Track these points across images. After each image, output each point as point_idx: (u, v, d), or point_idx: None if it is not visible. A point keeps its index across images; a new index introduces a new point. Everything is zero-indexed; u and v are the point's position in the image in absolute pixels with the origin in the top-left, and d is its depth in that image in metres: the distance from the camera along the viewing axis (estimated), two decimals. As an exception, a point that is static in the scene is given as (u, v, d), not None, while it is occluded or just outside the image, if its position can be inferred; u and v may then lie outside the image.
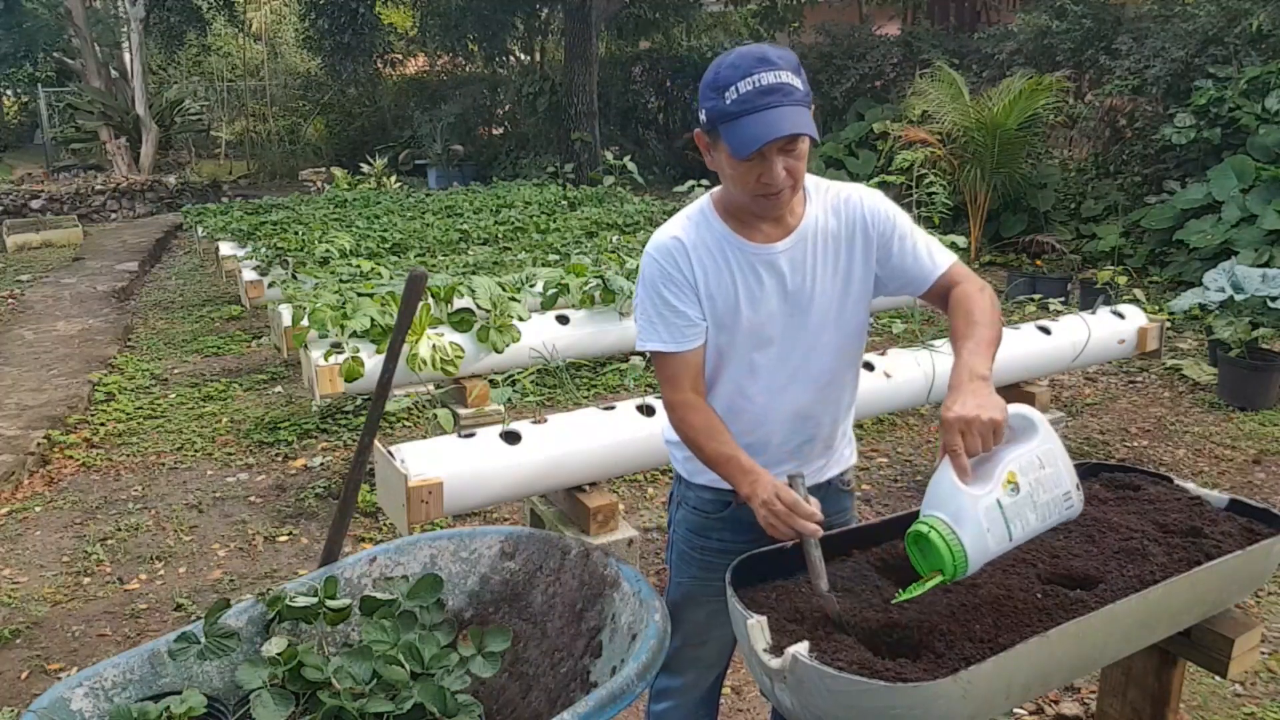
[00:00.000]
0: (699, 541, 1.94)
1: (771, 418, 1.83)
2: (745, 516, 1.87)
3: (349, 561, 1.98)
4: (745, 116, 1.58)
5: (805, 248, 1.77)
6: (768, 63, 1.59)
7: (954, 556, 1.49)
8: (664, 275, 1.78)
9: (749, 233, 1.76)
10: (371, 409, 1.98)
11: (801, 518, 1.63)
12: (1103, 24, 9.62)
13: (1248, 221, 7.19)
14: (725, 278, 1.77)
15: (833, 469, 1.94)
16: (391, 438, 4.98)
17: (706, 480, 1.88)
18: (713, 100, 1.62)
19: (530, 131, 15.59)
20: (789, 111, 1.59)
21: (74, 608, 3.48)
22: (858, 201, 1.81)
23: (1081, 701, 2.76)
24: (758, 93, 1.57)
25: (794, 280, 1.77)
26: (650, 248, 1.82)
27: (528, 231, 7.73)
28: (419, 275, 1.93)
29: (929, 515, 1.54)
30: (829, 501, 1.91)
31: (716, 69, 1.63)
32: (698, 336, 1.79)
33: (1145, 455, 4.60)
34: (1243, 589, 1.90)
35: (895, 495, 4.23)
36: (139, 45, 15.53)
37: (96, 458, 4.84)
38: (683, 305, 1.77)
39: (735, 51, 1.64)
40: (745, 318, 1.77)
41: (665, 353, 1.79)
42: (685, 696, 2.05)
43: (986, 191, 8.64)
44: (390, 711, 1.58)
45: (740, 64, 1.60)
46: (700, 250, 1.77)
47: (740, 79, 1.58)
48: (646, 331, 1.81)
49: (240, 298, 6.68)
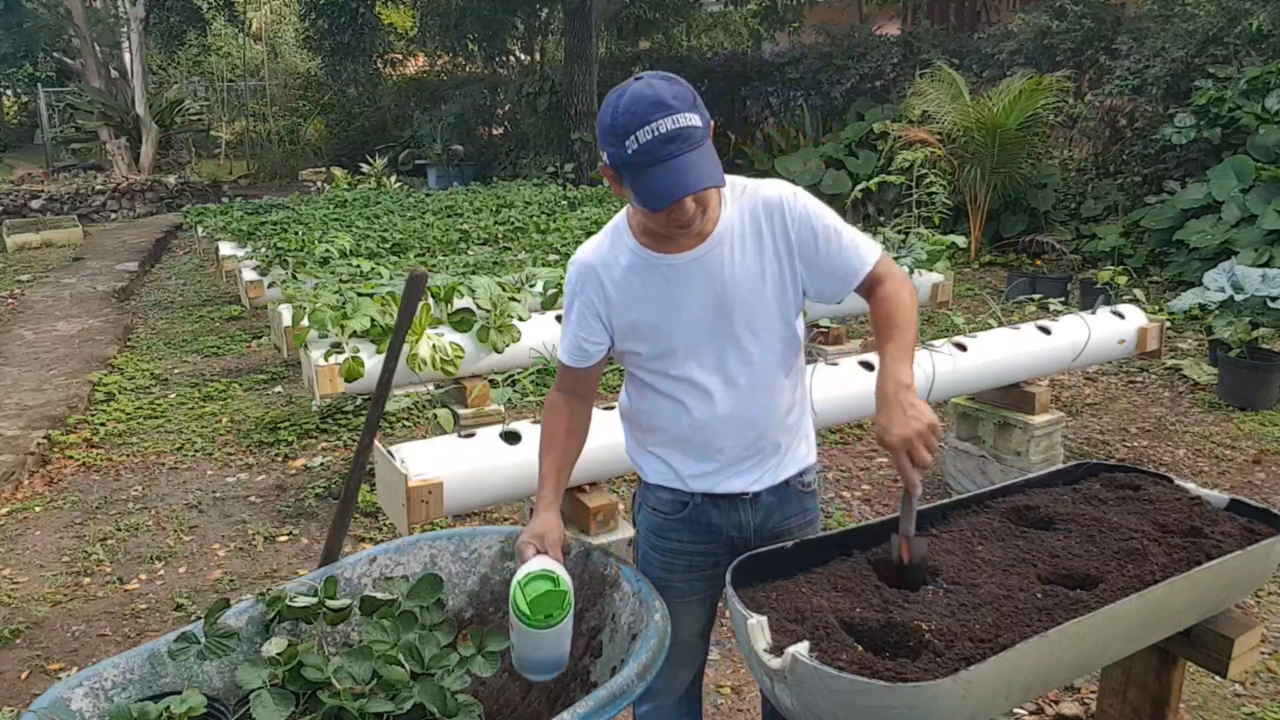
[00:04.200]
0: (659, 542, 1.96)
1: (710, 425, 1.82)
2: (703, 518, 1.90)
3: (349, 561, 1.98)
4: (650, 169, 1.55)
5: (722, 251, 1.74)
6: (663, 106, 1.53)
7: (569, 602, 1.67)
8: (573, 293, 1.84)
9: (663, 245, 1.75)
10: (371, 409, 1.98)
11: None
12: (1103, 24, 9.63)
13: (1248, 221, 7.19)
14: (641, 293, 1.77)
15: (788, 469, 1.90)
16: (391, 438, 4.98)
17: (662, 480, 1.90)
18: (612, 148, 1.57)
19: (530, 131, 15.59)
20: (693, 160, 1.55)
21: (74, 608, 3.48)
22: (777, 201, 1.76)
23: (1081, 701, 2.76)
24: (658, 141, 1.52)
25: (711, 285, 1.74)
26: (570, 264, 1.86)
27: (528, 231, 7.73)
28: (419, 275, 1.93)
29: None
30: (788, 504, 1.92)
31: (613, 113, 1.56)
32: (588, 359, 1.86)
33: (1145, 455, 4.60)
34: (1243, 589, 1.90)
35: (895, 495, 4.23)
36: (139, 45, 15.53)
37: (96, 458, 4.84)
38: (583, 328, 1.83)
39: (628, 93, 1.56)
40: (667, 329, 1.77)
41: (559, 358, 1.90)
42: (663, 697, 2.06)
43: (986, 191, 8.64)
44: (390, 711, 1.58)
45: (635, 109, 1.53)
46: (614, 270, 1.78)
47: (639, 127, 1.53)
48: (561, 331, 1.90)
49: (240, 298, 6.67)
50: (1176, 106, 8.26)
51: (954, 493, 4.08)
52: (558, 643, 1.70)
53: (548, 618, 1.65)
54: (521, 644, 1.71)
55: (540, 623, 1.65)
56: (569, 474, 1.93)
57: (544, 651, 1.71)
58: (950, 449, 4.30)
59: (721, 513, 1.89)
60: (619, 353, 1.87)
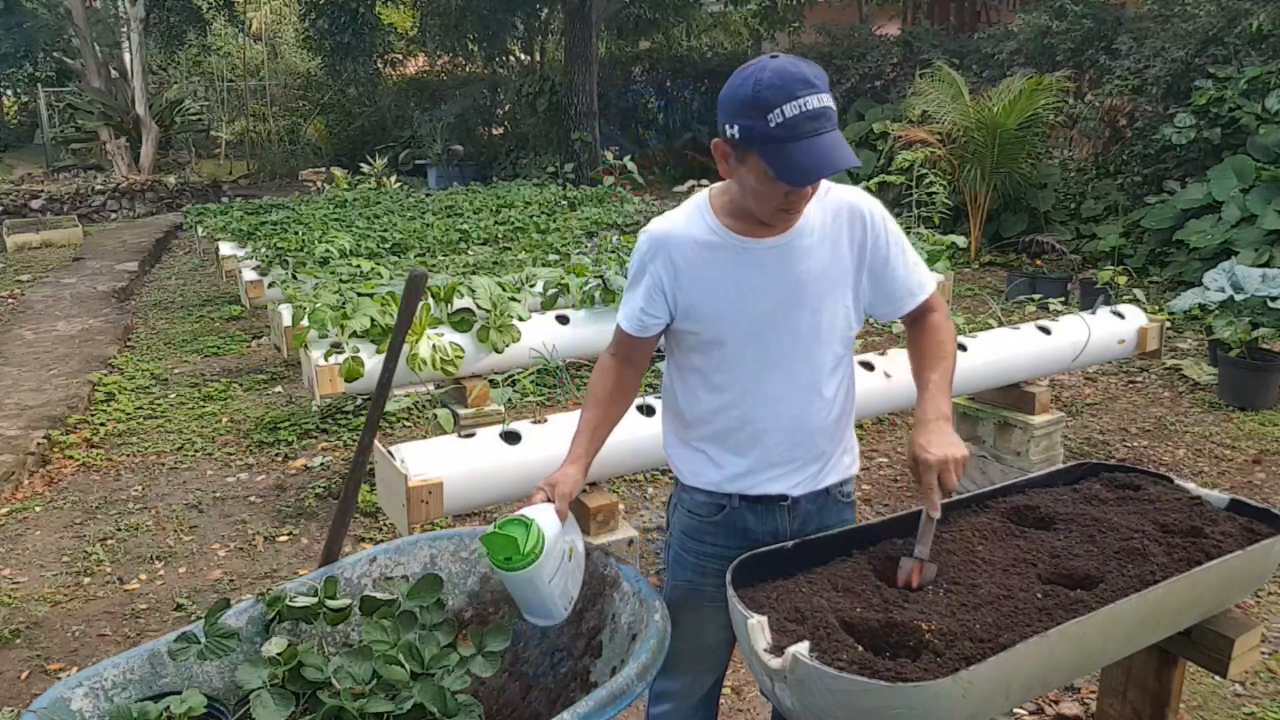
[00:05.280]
0: (693, 545, 1.94)
1: (759, 419, 1.81)
2: (739, 522, 1.88)
3: (349, 561, 1.98)
4: (793, 143, 1.54)
5: (801, 244, 1.75)
6: (809, 84, 1.54)
7: (532, 547, 1.67)
8: (642, 264, 1.83)
9: (745, 229, 1.75)
10: (371, 409, 1.98)
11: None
12: (1103, 24, 9.63)
13: (1248, 221, 7.19)
14: (711, 272, 1.76)
15: (830, 477, 1.89)
16: (391, 438, 4.98)
17: (700, 483, 1.89)
18: (750, 120, 1.56)
19: (530, 131, 15.59)
20: (834, 140, 1.57)
21: (74, 608, 3.48)
22: (859, 208, 1.79)
23: (1081, 701, 2.76)
24: (805, 117, 1.53)
25: (785, 276, 1.75)
26: (642, 233, 1.85)
27: (528, 231, 7.73)
28: (419, 275, 1.93)
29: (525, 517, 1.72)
30: (827, 512, 1.92)
31: (755, 86, 1.55)
32: (645, 330, 1.85)
33: (1145, 455, 4.60)
34: (1243, 589, 1.90)
35: (895, 495, 4.23)
36: (139, 45, 15.52)
37: (96, 458, 4.84)
38: (647, 300, 1.82)
39: (771, 68, 1.56)
40: (730, 314, 1.77)
41: (619, 324, 1.89)
42: (683, 699, 2.05)
43: (986, 191, 8.64)
44: (390, 711, 1.58)
45: (782, 84, 1.54)
46: (687, 245, 1.77)
47: (785, 101, 1.53)
48: (622, 297, 1.90)
49: (240, 298, 6.67)
50: (1176, 106, 8.26)
51: (954, 493, 4.08)
52: (534, 591, 1.72)
53: (506, 560, 1.68)
54: (505, 584, 1.78)
55: (501, 564, 1.69)
56: (606, 434, 1.92)
57: (525, 596, 1.75)
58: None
59: (758, 518, 1.86)
60: (675, 332, 1.86)
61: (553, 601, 1.74)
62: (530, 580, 1.69)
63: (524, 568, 1.67)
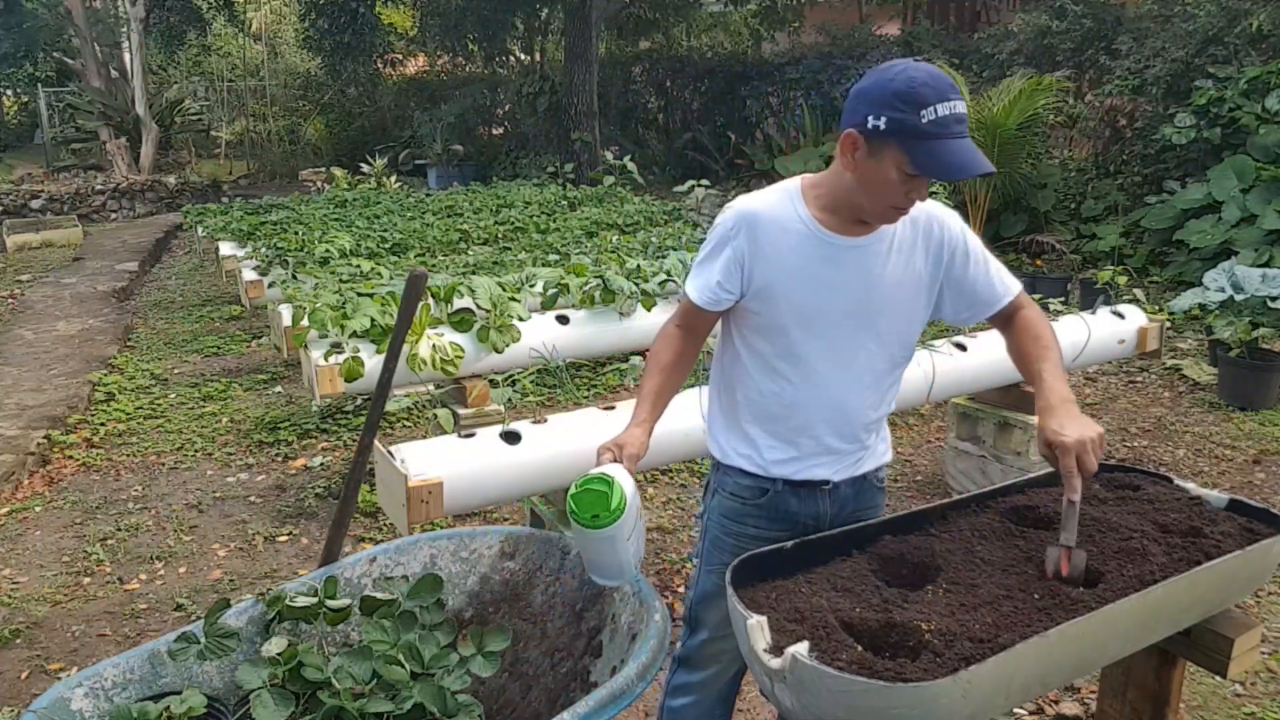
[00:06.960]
0: (734, 528, 1.96)
1: (810, 405, 1.86)
2: (782, 505, 1.92)
3: (349, 561, 1.98)
4: (943, 141, 1.62)
5: (880, 248, 1.80)
6: (956, 91, 1.64)
7: (618, 504, 1.68)
8: (724, 237, 1.84)
9: (833, 224, 1.79)
10: (371, 409, 1.98)
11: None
12: (1103, 24, 9.63)
13: (1248, 221, 7.19)
14: (790, 258, 1.79)
15: (868, 464, 1.97)
16: (391, 438, 4.98)
17: (743, 464, 1.92)
18: (901, 113, 1.61)
19: (530, 131, 15.59)
20: (973, 145, 1.66)
21: (74, 608, 3.48)
22: (938, 217, 1.87)
23: (1081, 701, 2.76)
24: (953, 119, 1.62)
25: (862, 276, 1.80)
26: (727, 208, 1.87)
27: (528, 231, 7.73)
28: (419, 275, 1.93)
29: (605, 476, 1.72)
30: (863, 496, 1.99)
31: (910, 83, 1.61)
32: (716, 304, 1.86)
33: (1145, 455, 4.60)
34: (1243, 589, 1.90)
35: (895, 495, 4.23)
36: (139, 45, 15.52)
37: (96, 458, 4.84)
38: (724, 273, 1.83)
39: (921, 68, 1.64)
40: (805, 303, 1.80)
41: (688, 295, 1.90)
42: (704, 692, 2.06)
43: (986, 191, 8.64)
44: (390, 711, 1.59)
45: (935, 85, 1.61)
46: (773, 228, 1.80)
47: (938, 100, 1.60)
48: (693, 270, 1.90)
49: (240, 298, 6.68)
50: (1176, 106, 8.26)
51: (954, 493, 4.08)
52: (612, 549, 1.73)
53: (594, 518, 1.67)
54: (580, 545, 1.81)
55: (588, 522, 1.68)
56: (668, 400, 1.92)
57: (602, 555, 1.76)
58: (950, 449, 4.30)
59: (800, 501, 1.92)
60: (740, 311, 1.88)
61: (626, 559, 1.77)
62: (612, 538, 1.70)
63: (609, 524, 1.68)
